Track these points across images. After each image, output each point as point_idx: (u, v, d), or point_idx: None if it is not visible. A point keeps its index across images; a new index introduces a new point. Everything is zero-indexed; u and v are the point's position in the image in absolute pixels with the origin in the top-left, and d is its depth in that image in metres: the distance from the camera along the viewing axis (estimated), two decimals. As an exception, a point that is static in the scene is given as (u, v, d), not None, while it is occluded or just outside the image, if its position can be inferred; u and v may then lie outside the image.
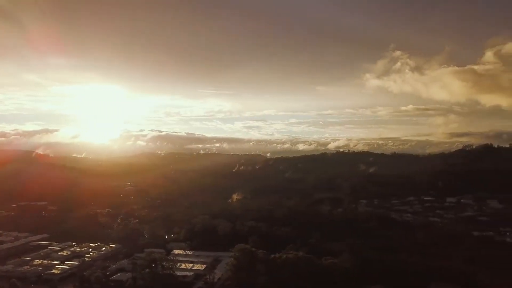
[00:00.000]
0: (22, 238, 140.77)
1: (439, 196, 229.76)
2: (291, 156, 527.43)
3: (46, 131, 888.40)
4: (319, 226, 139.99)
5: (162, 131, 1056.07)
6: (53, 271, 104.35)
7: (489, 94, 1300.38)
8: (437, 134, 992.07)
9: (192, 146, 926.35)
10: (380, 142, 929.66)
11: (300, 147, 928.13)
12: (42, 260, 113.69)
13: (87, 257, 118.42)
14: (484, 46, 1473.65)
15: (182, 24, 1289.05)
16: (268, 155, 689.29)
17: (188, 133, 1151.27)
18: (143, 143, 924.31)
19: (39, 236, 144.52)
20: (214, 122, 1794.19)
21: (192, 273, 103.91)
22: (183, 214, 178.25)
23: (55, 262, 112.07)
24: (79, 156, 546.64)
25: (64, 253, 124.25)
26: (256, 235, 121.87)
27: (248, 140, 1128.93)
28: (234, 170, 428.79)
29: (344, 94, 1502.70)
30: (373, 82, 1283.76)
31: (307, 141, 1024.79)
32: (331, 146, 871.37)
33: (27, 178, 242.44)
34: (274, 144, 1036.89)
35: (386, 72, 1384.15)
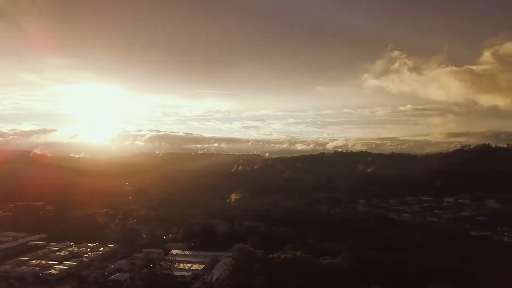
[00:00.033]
0: (20, 238, 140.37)
1: (437, 196, 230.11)
2: (289, 156, 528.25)
3: (44, 131, 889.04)
4: (318, 226, 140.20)
5: (160, 131, 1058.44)
6: (51, 271, 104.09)
7: (487, 94, 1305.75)
8: (435, 134, 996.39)
9: (191, 146, 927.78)
10: (378, 142, 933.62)
11: (299, 147, 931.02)
12: (40, 260, 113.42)
13: (85, 257, 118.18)
14: (482, 46, 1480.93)
15: (181, 24, 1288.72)
16: (267, 155, 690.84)
17: (186, 133, 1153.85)
18: (141, 143, 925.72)
19: (37, 236, 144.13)
20: (213, 122, 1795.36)
21: (190, 273, 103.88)
22: (181, 214, 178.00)
23: (53, 262, 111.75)
24: (77, 156, 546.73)
25: (62, 253, 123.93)
26: (254, 235, 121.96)
27: (247, 140, 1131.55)
28: (233, 170, 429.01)
29: (342, 94, 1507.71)
30: (371, 82, 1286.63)
31: (306, 141, 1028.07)
32: (330, 146, 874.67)
33: (25, 178, 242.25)
34: (272, 144, 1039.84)
35: (385, 72, 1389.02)
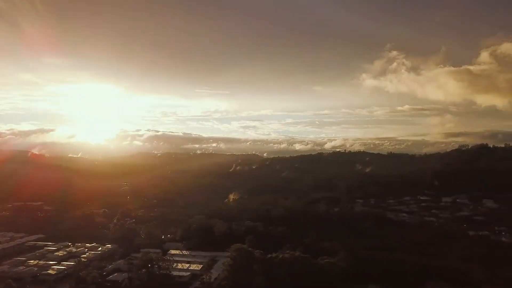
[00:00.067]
0: (18, 239, 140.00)
1: (435, 196, 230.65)
2: (287, 156, 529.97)
3: (42, 131, 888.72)
4: (316, 225, 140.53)
5: (158, 131, 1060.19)
6: (49, 271, 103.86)
7: (484, 94, 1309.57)
8: (433, 134, 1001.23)
9: (189, 146, 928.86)
10: (376, 142, 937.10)
11: (297, 147, 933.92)
12: (37, 261, 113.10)
13: (83, 257, 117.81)
14: (479, 47, 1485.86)
15: (179, 24, 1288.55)
16: (265, 155, 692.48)
17: (184, 133, 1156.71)
18: (139, 143, 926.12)
19: (34, 237, 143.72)
20: (211, 122, 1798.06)
21: (188, 273, 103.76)
22: (179, 214, 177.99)
23: (51, 263, 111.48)
24: (75, 156, 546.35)
25: (60, 253, 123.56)
26: (252, 235, 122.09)
27: (245, 140, 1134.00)
28: (231, 170, 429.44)
29: (340, 94, 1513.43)
30: (369, 82, 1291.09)
31: (304, 141, 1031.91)
32: (328, 146, 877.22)
33: (22, 178, 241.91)
34: (270, 144, 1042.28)
35: (383, 72, 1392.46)
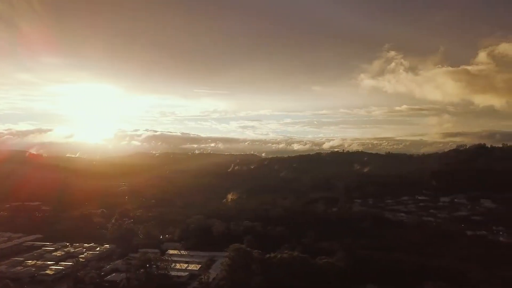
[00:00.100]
0: (16, 239, 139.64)
1: (433, 196, 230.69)
2: (286, 156, 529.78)
3: (40, 131, 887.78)
4: (314, 225, 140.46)
5: (156, 131, 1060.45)
6: (46, 271, 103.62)
7: (482, 95, 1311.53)
8: (431, 134, 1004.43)
9: (187, 146, 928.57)
10: (374, 142, 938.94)
11: (295, 147, 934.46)
12: (35, 261, 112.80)
13: (81, 257, 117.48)
14: (477, 47, 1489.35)
15: (177, 24, 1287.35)
16: (263, 155, 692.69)
17: (183, 133, 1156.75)
18: (137, 143, 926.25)
19: (32, 237, 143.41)
20: (209, 122, 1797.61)
21: (187, 273, 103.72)
22: (178, 214, 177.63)
23: (49, 263, 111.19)
24: (73, 156, 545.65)
25: (58, 253, 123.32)
26: (251, 235, 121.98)
27: (243, 140, 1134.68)
28: (229, 170, 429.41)
29: (338, 94, 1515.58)
30: (367, 82, 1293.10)
31: (302, 141, 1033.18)
32: (326, 146, 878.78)
33: (20, 178, 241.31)
34: (269, 144, 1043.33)
35: (381, 72, 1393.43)
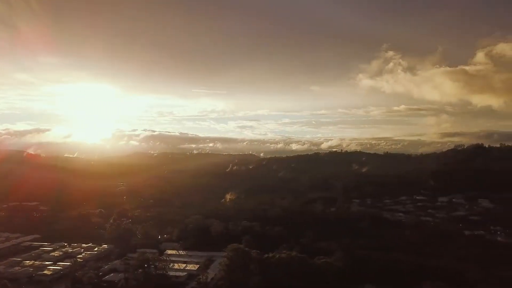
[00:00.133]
0: (13, 239, 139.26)
1: (431, 196, 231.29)
2: (284, 156, 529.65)
3: (38, 131, 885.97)
4: (312, 225, 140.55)
5: (155, 131, 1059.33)
6: (44, 272, 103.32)
7: (480, 95, 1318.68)
8: (429, 134, 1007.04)
9: (185, 146, 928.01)
10: (372, 142, 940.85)
11: (293, 147, 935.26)
12: (33, 261, 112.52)
13: (79, 257, 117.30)
14: (475, 47, 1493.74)
15: (176, 24, 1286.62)
16: (262, 155, 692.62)
17: (181, 133, 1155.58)
18: (136, 143, 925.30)
19: (30, 237, 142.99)
20: (208, 122, 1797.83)
21: (185, 273, 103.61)
22: (176, 214, 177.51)
23: (47, 263, 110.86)
24: (71, 156, 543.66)
25: (56, 253, 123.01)
26: (249, 234, 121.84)
27: (242, 140, 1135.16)
28: (228, 170, 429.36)
29: (337, 94, 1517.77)
30: (366, 82, 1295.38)
31: (300, 141, 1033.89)
32: (324, 146, 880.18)
33: (18, 178, 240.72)
34: (267, 144, 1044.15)
35: (379, 72, 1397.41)
